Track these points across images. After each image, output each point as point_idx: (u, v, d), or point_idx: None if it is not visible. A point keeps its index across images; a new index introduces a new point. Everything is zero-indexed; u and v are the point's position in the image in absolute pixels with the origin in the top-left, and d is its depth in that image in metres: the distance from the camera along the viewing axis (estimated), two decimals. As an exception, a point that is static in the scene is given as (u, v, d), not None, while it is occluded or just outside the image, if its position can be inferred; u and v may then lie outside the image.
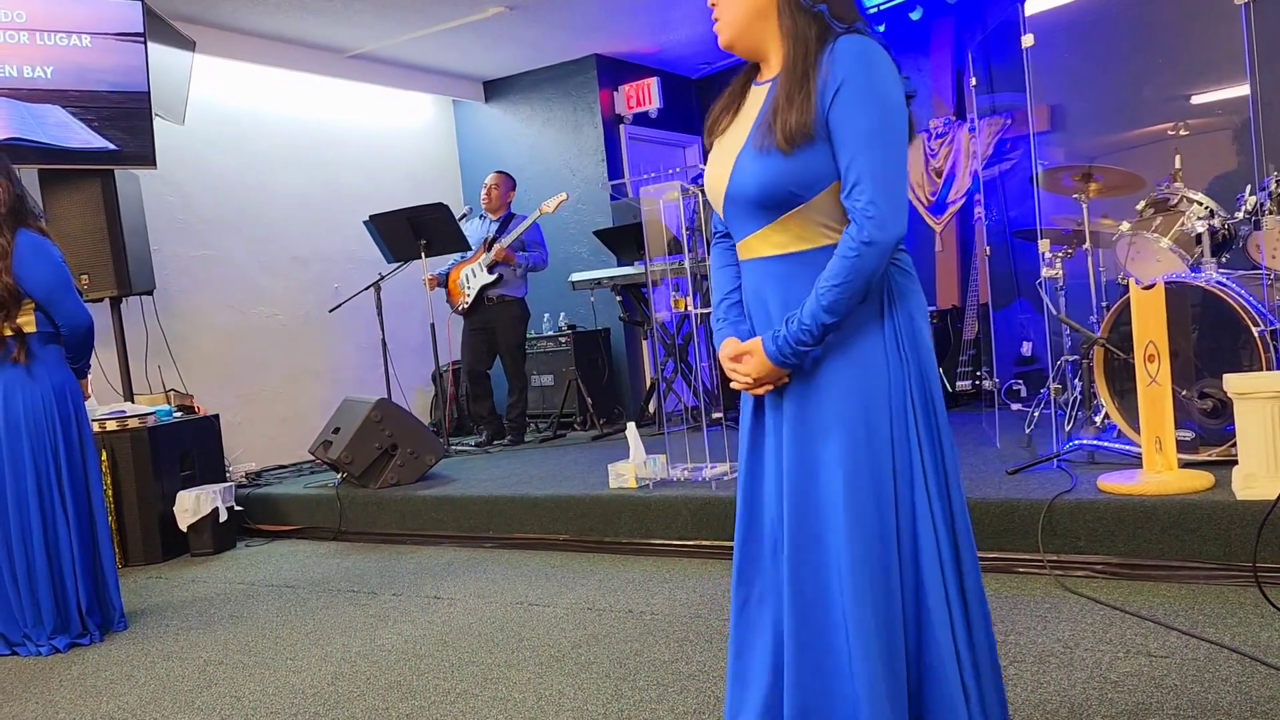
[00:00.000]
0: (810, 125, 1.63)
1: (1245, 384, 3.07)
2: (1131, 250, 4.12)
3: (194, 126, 5.97)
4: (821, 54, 1.65)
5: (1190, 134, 5.43)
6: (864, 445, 1.68)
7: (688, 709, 2.43)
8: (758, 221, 1.73)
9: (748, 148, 1.71)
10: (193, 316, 6.20)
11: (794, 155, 1.64)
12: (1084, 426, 4.12)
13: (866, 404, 1.69)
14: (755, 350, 1.73)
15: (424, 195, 6.94)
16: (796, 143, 1.63)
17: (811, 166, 1.65)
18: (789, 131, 1.63)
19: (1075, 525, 3.23)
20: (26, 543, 3.47)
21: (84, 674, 3.20)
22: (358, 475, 5.12)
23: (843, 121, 1.62)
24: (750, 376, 1.75)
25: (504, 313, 6.31)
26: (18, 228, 3.45)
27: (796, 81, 1.65)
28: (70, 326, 3.55)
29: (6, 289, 3.39)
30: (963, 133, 6.49)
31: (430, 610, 3.56)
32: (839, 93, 1.62)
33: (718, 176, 1.77)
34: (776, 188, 1.67)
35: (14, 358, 3.46)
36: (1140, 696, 2.24)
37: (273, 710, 2.71)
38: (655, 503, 4.10)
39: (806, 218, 1.69)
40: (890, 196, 1.62)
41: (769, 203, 1.69)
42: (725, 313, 1.88)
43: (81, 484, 3.59)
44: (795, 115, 1.63)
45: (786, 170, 1.65)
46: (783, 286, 1.74)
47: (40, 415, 3.50)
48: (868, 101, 1.62)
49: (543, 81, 7.70)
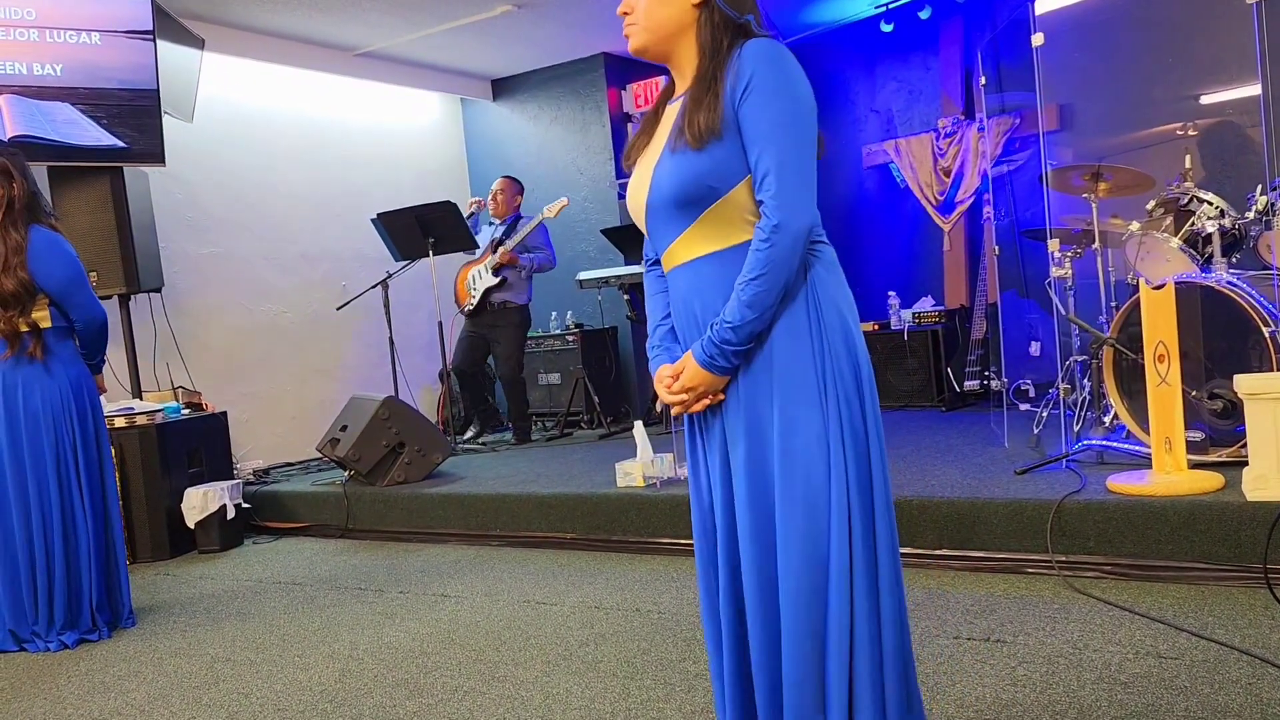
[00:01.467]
0: (718, 124, 1.67)
1: (1256, 385, 3.05)
2: (1141, 250, 4.10)
3: (203, 124, 5.99)
4: (731, 57, 1.69)
5: (1200, 134, 5.41)
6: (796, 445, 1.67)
7: (695, 708, 2.43)
8: (679, 225, 1.75)
9: (664, 155, 1.74)
10: (201, 314, 6.22)
11: (705, 151, 1.67)
12: (1093, 427, 4.10)
13: (794, 407, 1.68)
14: (687, 362, 1.74)
15: (432, 193, 6.95)
16: (705, 140, 1.67)
17: (723, 161, 1.68)
18: (697, 130, 1.67)
19: (1084, 526, 3.21)
20: (47, 536, 3.48)
21: (92, 670, 3.21)
22: (365, 473, 5.13)
23: (751, 117, 1.66)
24: (686, 389, 1.74)
25: (504, 319, 6.30)
26: (31, 224, 3.47)
27: (705, 85, 1.70)
28: (85, 321, 3.57)
29: (21, 284, 3.40)
30: (971, 132, 6.48)
31: (437, 608, 3.56)
32: (747, 89, 1.66)
33: (638, 189, 1.80)
34: (691, 183, 1.69)
35: (30, 353, 3.48)
36: (1150, 698, 2.23)
37: (280, 707, 2.72)
38: (662, 501, 4.10)
39: (725, 213, 1.71)
40: (799, 184, 1.65)
41: (686, 199, 1.71)
42: (660, 340, 1.89)
43: (98, 479, 3.61)
44: (703, 115, 1.67)
45: (699, 165, 1.68)
46: (707, 288, 1.75)
47: (58, 409, 3.51)
48: (775, 96, 1.65)
49: (550, 80, 7.70)
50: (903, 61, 7.08)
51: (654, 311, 1.92)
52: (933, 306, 6.29)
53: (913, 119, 7.05)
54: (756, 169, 1.66)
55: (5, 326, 3.42)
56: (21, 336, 3.47)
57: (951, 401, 5.95)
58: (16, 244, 3.41)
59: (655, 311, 1.92)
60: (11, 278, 3.38)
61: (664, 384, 1.79)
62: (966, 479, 3.77)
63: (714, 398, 1.75)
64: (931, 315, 6.13)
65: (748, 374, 1.72)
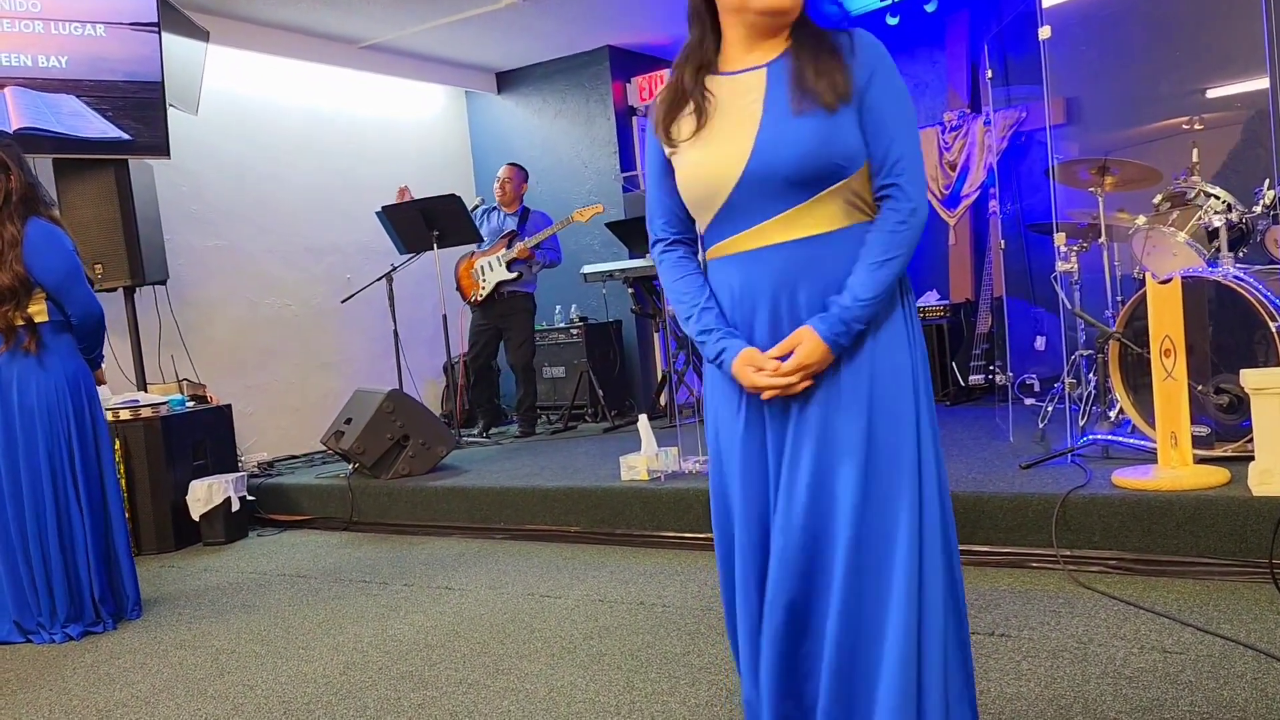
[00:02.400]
0: (849, 88, 1.65)
1: (1262, 379, 3.04)
2: (1148, 244, 4.09)
3: (207, 117, 5.98)
4: (834, 37, 1.71)
5: (1207, 128, 5.38)
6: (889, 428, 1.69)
7: (699, 701, 2.43)
8: (782, 203, 1.67)
9: (776, 119, 1.65)
10: (205, 306, 6.22)
11: (839, 113, 1.63)
12: (1098, 421, 4.09)
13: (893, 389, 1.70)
14: (805, 337, 1.66)
15: (436, 186, 6.93)
16: (846, 98, 1.64)
17: (852, 133, 1.65)
18: (837, 87, 1.64)
19: (1089, 520, 3.21)
20: (41, 531, 3.48)
21: (97, 662, 3.21)
22: (369, 466, 5.13)
23: (880, 105, 1.68)
24: (801, 368, 1.66)
25: (514, 306, 6.32)
26: (29, 216, 3.45)
27: (828, 52, 1.68)
28: (81, 316, 3.55)
29: (17, 278, 3.38)
30: (977, 125, 6.46)
31: (441, 601, 3.57)
32: (874, 77, 1.68)
33: (725, 159, 1.67)
34: (820, 156, 1.63)
35: (25, 347, 3.46)
36: (1155, 692, 2.22)
37: (285, 699, 2.72)
38: (667, 495, 4.10)
39: (842, 195, 1.67)
40: (922, 176, 1.71)
41: (807, 176, 1.64)
42: (713, 323, 1.75)
43: (95, 472, 3.61)
44: (839, 76, 1.65)
45: (830, 133, 1.62)
46: (818, 269, 1.68)
47: (53, 404, 3.50)
48: (900, 92, 1.70)
49: (555, 73, 7.69)
50: (909, 55, 7.05)
51: (690, 294, 1.79)
52: (937, 301, 6.28)
53: (918, 112, 7.00)
54: (886, 155, 1.68)
55: (1, 321, 3.41)
56: (17, 331, 3.45)
57: (956, 396, 5.94)
58: (13, 237, 3.39)
59: (692, 293, 1.79)
60: (7, 272, 3.36)
61: (763, 367, 1.68)
62: (971, 473, 3.76)
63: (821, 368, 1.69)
64: (936, 309, 6.12)
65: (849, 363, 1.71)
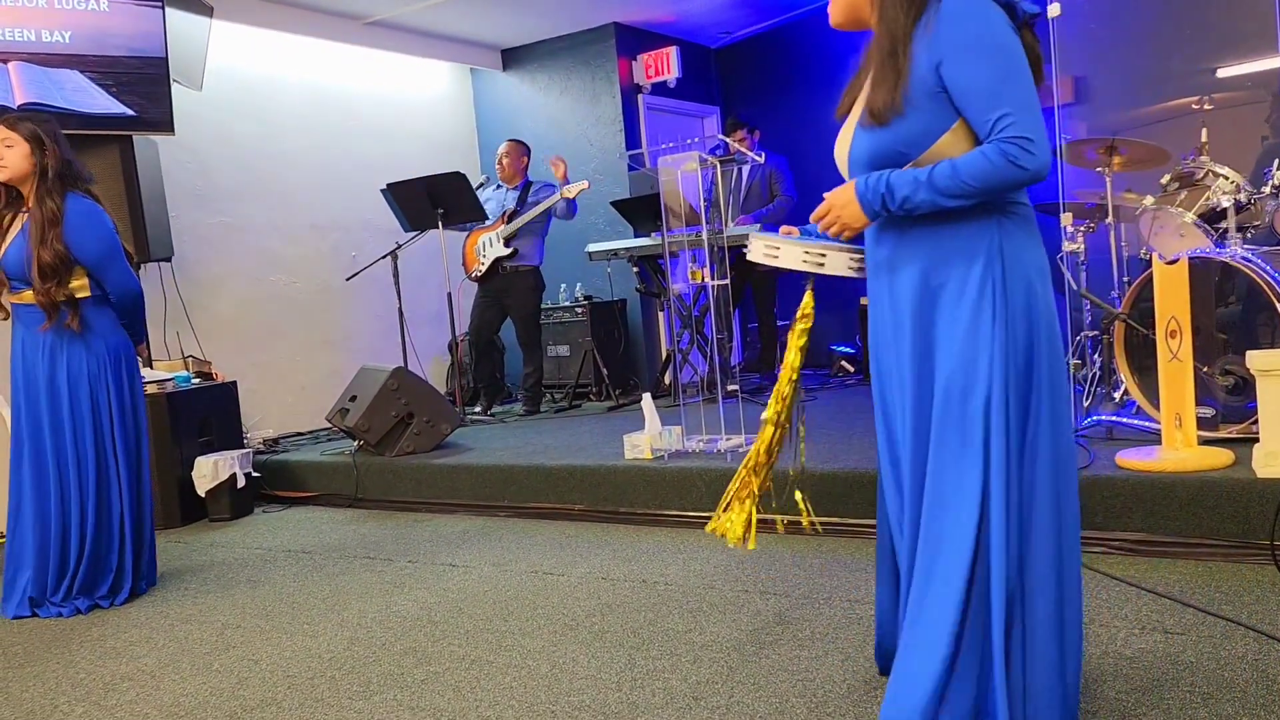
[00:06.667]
0: (900, 101, 1.74)
1: (1268, 361, 3.03)
2: (1155, 225, 4.07)
3: (212, 93, 5.96)
4: (919, 21, 1.74)
5: (1216, 108, 5.34)
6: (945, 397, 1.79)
7: (701, 678, 2.44)
8: None
9: (859, 122, 1.86)
10: (211, 284, 6.22)
11: (888, 127, 1.78)
12: (1103, 402, 4.09)
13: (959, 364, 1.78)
14: (847, 186, 1.87)
15: (441, 164, 6.91)
16: (886, 118, 1.77)
17: (912, 130, 1.76)
18: (876, 111, 1.78)
19: (1093, 501, 3.21)
20: (83, 505, 3.49)
21: (104, 635, 3.24)
22: (374, 443, 5.15)
23: (962, 79, 1.70)
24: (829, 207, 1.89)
25: (518, 282, 6.30)
26: (67, 192, 3.43)
27: (883, 61, 1.77)
28: (119, 294, 3.54)
29: (58, 256, 3.36)
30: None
31: (445, 578, 3.58)
32: (951, 55, 1.70)
33: (842, 143, 1.94)
34: (883, 153, 1.82)
35: (67, 324, 3.46)
36: (1156, 673, 2.23)
37: (289, 674, 2.74)
38: (670, 474, 4.11)
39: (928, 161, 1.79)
40: (1039, 128, 1.70)
41: (882, 164, 1.83)
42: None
43: (134, 447, 3.61)
44: (882, 95, 1.76)
45: (886, 139, 1.80)
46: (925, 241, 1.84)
47: (95, 380, 3.51)
48: (981, 55, 1.69)
49: (561, 50, 7.65)
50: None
51: None
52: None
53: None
54: (985, 120, 1.70)
55: (43, 298, 3.40)
56: (59, 307, 3.44)
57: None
58: (53, 214, 3.36)
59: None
60: (48, 249, 3.34)
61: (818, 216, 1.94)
62: (975, 453, 3.75)
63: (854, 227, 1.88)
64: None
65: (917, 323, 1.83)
